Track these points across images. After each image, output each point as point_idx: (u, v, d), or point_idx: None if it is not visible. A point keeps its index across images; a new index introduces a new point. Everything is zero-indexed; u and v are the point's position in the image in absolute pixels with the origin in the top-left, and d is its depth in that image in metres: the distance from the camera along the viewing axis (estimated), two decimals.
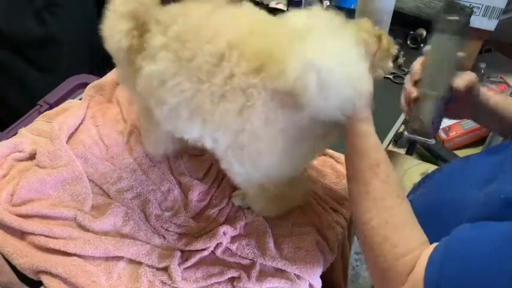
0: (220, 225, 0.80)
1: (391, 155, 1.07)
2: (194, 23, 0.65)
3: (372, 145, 0.64)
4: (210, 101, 0.62)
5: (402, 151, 1.61)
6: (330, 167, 0.90)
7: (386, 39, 0.72)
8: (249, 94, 0.60)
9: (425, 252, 0.53)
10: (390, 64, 0.74)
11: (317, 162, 0.91)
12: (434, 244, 0.54)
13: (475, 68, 2.14)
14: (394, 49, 0.73)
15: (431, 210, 0.74)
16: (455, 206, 0.69)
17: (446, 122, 1.85)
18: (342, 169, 0.90)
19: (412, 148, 1.59)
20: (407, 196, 0.84)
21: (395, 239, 0.57)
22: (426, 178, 0.89)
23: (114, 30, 0.70)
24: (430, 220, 0.66)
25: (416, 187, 0.88)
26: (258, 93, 0.59)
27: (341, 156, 0.92)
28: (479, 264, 0.47)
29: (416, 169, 1.00)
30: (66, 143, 0.90)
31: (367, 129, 0.64)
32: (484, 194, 0.63)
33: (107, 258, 0.75)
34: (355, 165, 0.64)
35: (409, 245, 0.56)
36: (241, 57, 0.60)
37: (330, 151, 0.93)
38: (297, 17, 0.64)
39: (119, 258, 0.75)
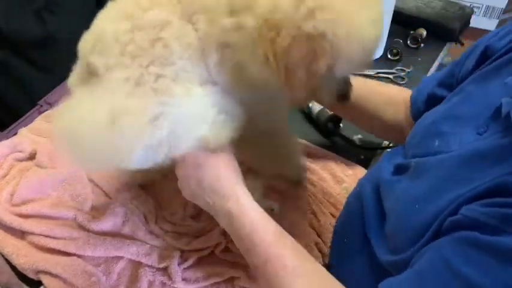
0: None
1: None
2: None
3: (263, 215, 0.58)
4: None
5: None
6: (329, 172, 0.90)
7: None
8: None
9: None
10: None
11: (317, 166, 0.91)
12: None
13: None
14: None
15: (346, 221, 0.73)
16: (359, 215, 0.67)
17: None
18: (341, 173, 0.90)
19: None
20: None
21: None
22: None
23: None
24: (345, 231, 0.65)
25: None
26: None
27: (341, 160, 0.92)
28: None
29: None
30: None
31: (248, 202, 0.58)
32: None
33: (107, 258, 0.75)
34: (257, 242, 0.56)
35: None
36: None
37: (331, 153, 0.93)
38: None
39: (118, 258, 0.75)
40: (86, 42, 0.59)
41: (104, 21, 0.59)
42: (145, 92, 0.55)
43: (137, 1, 0.57)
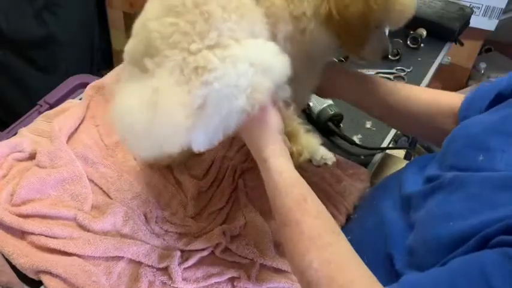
0: (220, 225, 0.80)
1: (389, 157, 1.07)
2: None
3: (291, 181, 0.60)
4: None
5: (402, 152, 1.61)
6: (329, 171, 0.90)
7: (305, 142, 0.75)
8: None
9: None
10: None
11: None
12: None
13: (475, 68, 2.15)
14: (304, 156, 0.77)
15: (362, 236, 0.72)
16: (379, 231, 0.66)
17: None
18: (341, 173, 0.90)
19: (409, 154, 1.60)
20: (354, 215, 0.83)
21: (341, 278, 0.51)
22: (365, 193, 0.87)
23: None
24: (362, 247, 0.62)
25: (357, 206, 0.85)
26: None
27: (340, 159, 0.92)
28: None
29: None
30: (66, 143, 0.90)
31: (280, 164, 0.61)
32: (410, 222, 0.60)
33: (107, 258, 0.75)
34: (279, 206, 0.59)
35: (358, 284, 0.51)
36: None
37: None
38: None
39: (119, 258, 0.75)
40: (137, 45, 0.62)
41: (149, 21, 0.60)
42: (188, 76, 0.57)
43: None
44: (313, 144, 0.80)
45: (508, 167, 0.51)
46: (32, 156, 0.89)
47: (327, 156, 0.83)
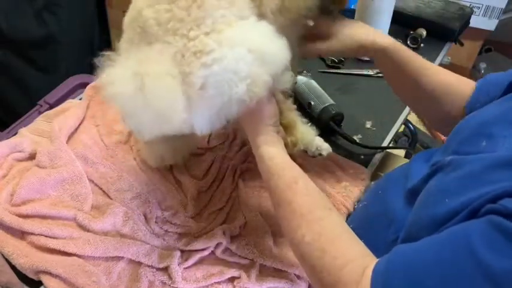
0: (220, 225, 0.80)
1: (389, 157, 1.07)
2: None
3: (283, 165, 0.64)
4: None
5: (402, 152, 1.61)
6: (329, 171, 0.90)
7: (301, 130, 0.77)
8: None
9: (368, 268, 0.51)
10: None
11: (317, 164, 0.91)
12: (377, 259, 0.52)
13: (475, 68, 2.15)
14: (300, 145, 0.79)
15: (367, 223, 0.73)
16: (384, 218, 0.67)
17: None
18: (341, 173, 0.90)
19: (409, 154, 1.60)
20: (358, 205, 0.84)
21: (333, 250, 0.54)
22: (368, 188, 0.87)
23: None
24: (366, 233, 0.64)
25: (361, 199, 0.86)
26: None
27: (341, 159, 0.92)
28: (422, 273, 0.46)
29: None
30: (66, 143, 0.90)
31: (271, 151, 0.65)
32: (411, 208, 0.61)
33: (107, 258, 0.75)
34: (273, 188, 0.63)
35: (350, 255, 0.53)
36: None
37: (331, 152, 0.93)
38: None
39: (118, 258, 0.75)
40: (134, 30, 0.63)
41: (142, 9, 0.61)
42: (189, 60, 0.58)
43: None
44: (308, 135, 0.81)
45: (509, 150, 0.51)
46: (32, 156, 0.89)
47: (322, 146, 0.84)
